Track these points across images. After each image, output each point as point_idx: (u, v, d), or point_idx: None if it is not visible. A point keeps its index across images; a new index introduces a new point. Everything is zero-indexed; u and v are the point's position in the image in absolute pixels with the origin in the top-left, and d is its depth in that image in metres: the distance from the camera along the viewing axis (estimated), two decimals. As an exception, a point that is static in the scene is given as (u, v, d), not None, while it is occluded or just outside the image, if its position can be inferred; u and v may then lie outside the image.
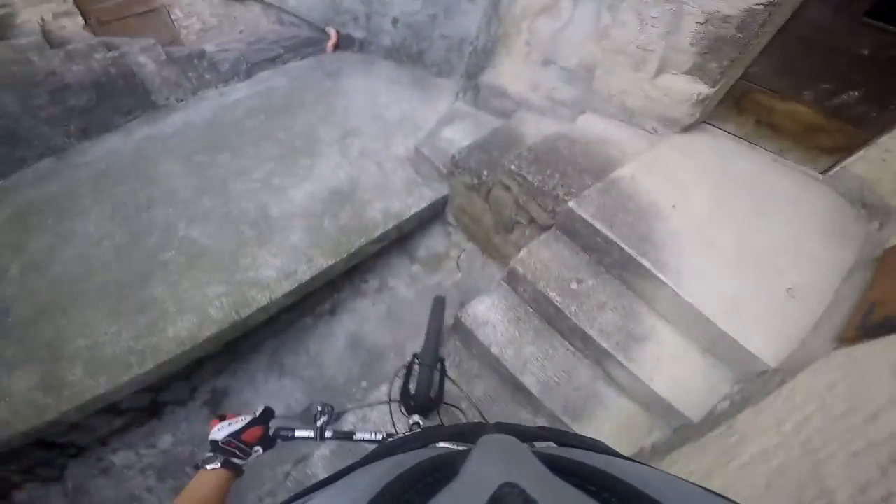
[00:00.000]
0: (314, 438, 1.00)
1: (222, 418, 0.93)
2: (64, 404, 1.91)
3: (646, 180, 2.09)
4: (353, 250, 2.43)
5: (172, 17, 4.74)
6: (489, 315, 2.14)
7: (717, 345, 1.72)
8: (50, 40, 3.01)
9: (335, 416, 1.07)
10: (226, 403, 2.45)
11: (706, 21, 2.03)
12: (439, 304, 1.52)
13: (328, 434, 1.01)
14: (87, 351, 2.05)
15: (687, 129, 2.35)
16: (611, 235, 1.88)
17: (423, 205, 2.70)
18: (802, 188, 2.13)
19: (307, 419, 1.15)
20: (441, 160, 2.80)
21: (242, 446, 0.88)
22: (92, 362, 2.02)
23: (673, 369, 1.74)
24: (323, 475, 2.07)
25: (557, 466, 0.37)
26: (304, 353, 2.59)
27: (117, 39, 3.22)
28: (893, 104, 1.90)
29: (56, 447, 2.20)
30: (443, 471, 0.39)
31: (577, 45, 2.57)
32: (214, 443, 0.87)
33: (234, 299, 2.19)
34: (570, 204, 2.01)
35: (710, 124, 2.45)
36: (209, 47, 3.68)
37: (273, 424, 0.98)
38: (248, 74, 3.80)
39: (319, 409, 1.05)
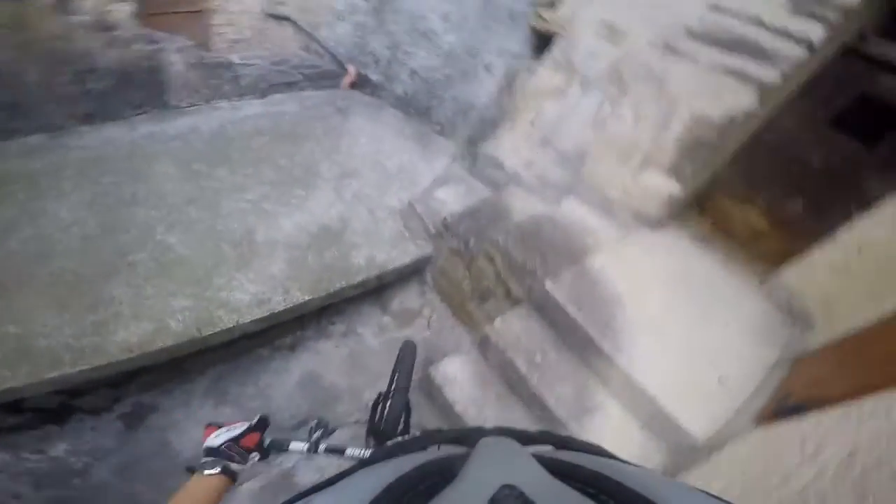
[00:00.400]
0: (308, 450, 1.00)
1: (219, 426, 0.93)
2: None
3: (613, 271, 2.28)
4: (331, 291, 2.41)
5: (213, 22, 4.81)
6: (457, 374, 2.25)
7: (655, 420, 1.89)
8: (98, 23, 3.00)
9: (329, 431, 1.08)
10: (149, 420, 2.27)
11: (692, 123, 2.27)
12: (411, 346, 1.54)
13: (321, 448, 1.02)
14: (15, 339, 1.89)
15: (654, 226, 2.53)
16: (578, 319, 2.08)
17: (407, 260, 2.74)
18: (742, 294, 2.36)
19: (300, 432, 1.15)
20: (431, 220, 2.87)
21: (241, 451, 0.89)
22: (16, 352, 1.86)
23: (614, 440, 1.91)
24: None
25: (557, 469, 0.38)
26: (253, 384, 2.46)
27: (158, 34, 3.25)
28: (828, 216, 2.16)
29: None
30: (442, 473, 0.39)
31: (576, 131, 2.74)
32: (212, 449, 0.87)
33: (198, 315, 2.12)
34: (547, 286, 2.18)
35: (673, 224, 2.65)
36: (235, 58, 3.75)
37: (268, 435, 0.99)
38: (264, 94, 3.87)
39: (315, 423, 1.06)
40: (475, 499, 0.30)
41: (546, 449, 0.57)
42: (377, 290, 2.84)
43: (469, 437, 0.60)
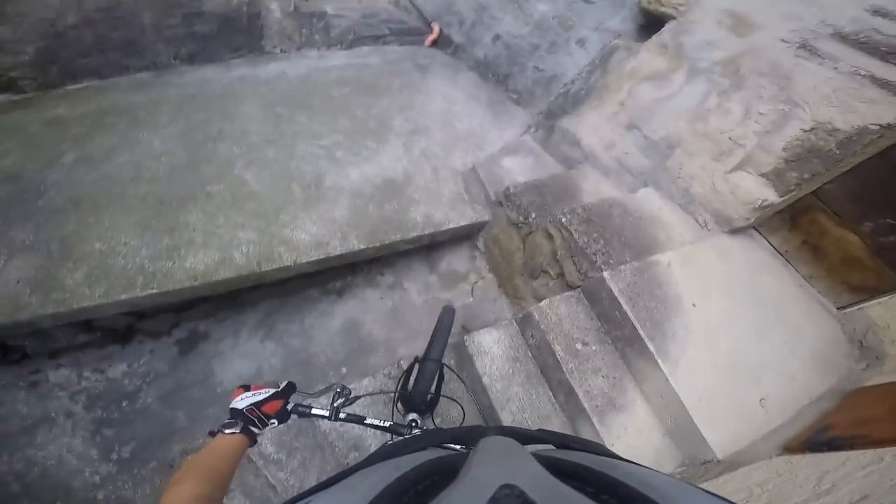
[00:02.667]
0: (328, 417, 0.99)
1: (247, 388, 0.93)
2: (46, 308, 1.83)
3: (679, 273, 2.05)
4: (386, 242, 2.36)
5: None
6: (492, 347, 2.14)
7: (679, 429, 1.79)
8: None
9: (351, 399, 1.07)
10: (200, 347, 2.37)
11: (812, 129, 1.94)
12: (449, 313, 1.47)
13: (342, 415, 1.01)
14: (99, 256, 2.00)
15: (734, 231, 2.24)
16: (630, 314, 1.89)
17: (463, 223, 2.61)
18: (812, 318, 2.15)
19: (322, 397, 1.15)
20: (493, 187, 2.70)
21: (262, 416, 0.89)
22: (97, 270, 1.96)
23: (633, 440, 1.82)
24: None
25: (557, 468, 0.37)
26: (298, 323, 2.51)
27: None
28: None
29: (0, 347, 2.11)
30: (443, 473, 0.39)
31: (670, 120, 2.42)
32: (236, 410, 0.88)
33: (260, 249, 2.15)
34: (605, 274, 1.98)
35: (757, 230, 2.36)
36: (329, 9, 3.68)
37: (292, 399, 0.99)
38: (351, 45, 3.80)
39: (339, 390, 1.05)
40: (475, 498, 0.29)
41: (546, 448, 0.56)
42: (428, 248, 2.77)
43: (469, 436, 0.60)
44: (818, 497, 1.19)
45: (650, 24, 2.77)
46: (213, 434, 0.84)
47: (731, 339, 1.92)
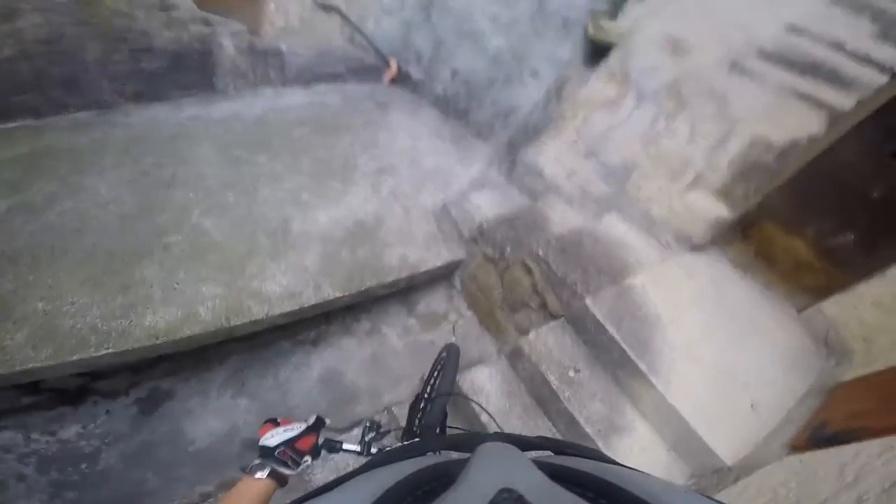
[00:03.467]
0: (360, 453, 0.97)
1: (275, 423, 0.88)
2: None
3: (653, 293, 2.16)
4: (363, 288, 2.26)
5: (265, 9, 4.69)
6: (485, 384, 2.14)
7: (683, 442, 1.84)
8: (160, 2, 2.87)
9: (382, 433, 1.04)
10: (165, 406, 2.17)
11: (751, 145, 2.13)
12: (455, 351, 1.44)
13: (374, 450, 0.98)
14: (43, 316, 1.77)
15: (695, 248, 2.39)
16: (617, 337, 1.97)
17: (440, 263, 2.57)
18: (778, 322, 2.28)
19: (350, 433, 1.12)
20: (465, 224, 2.70)
21: (294, 456, 0.83)
22: (42, 330, 1.74)
23: (641, 460, 1.87)
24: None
25: (556, 473, 0.37)
26: (272, 377, 2.34)
27: (213, 17, 3.12)
28: (880, 252, 2.04)
29: None
30: (441, 478, 0.38)
31: (625, 145, 2.57)
32: (267, 449, 0.82)
33: (228, 304, 1.98)
34: (587, 301, 2.05)
35: (714, 246, 2.52)
36: (283, 47, 3.62)
37: (322, 434, 0.94)
38: (308, 84, 3.74)
39: (368, 425, 1.03)
40: (474, 502, 0.29)
41: (545, 454, 0.56)
42: (405, 291, 2.69)
43: (468, 442, 0.59)
44: (848, 489, 1.22)
45: (597, 52, 2.91)
46: (244, 470, 0.78)
47: (712, 350, 2.03)
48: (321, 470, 2.06)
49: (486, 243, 2.53)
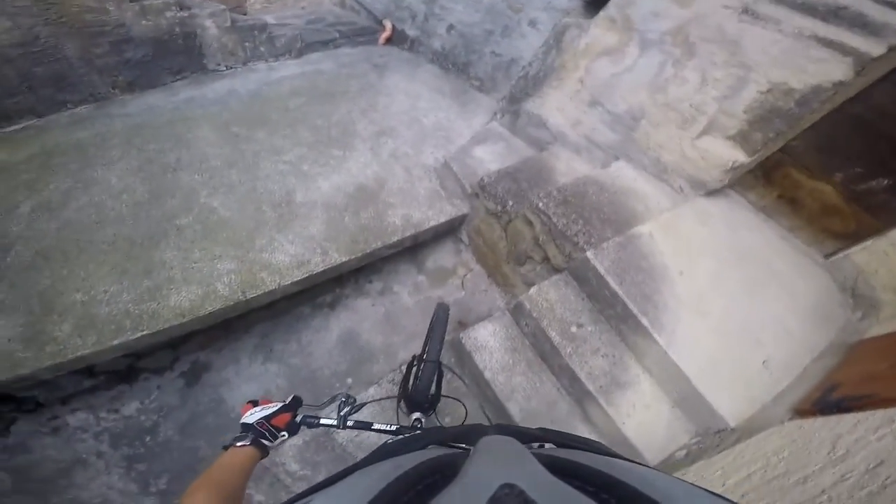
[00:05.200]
0: (336, 426, 1.02)
1: (255, 403, 0.98)
2: (43, 360, 1.80)
3: (661, 242, 2.09)
4: (368, 251, 2.34)
5: None
6: (489, 341, 2.17)
7: (687, 400, 1.79)
8: None
9: (356, 407, 1.10)
10: (204, 378, 2.36)
11: (768, 91, 2.00)
12: (444, 310, 1.50)
13: (350, 423, 1.04)
14: (82, 307, 1.94)
15: (711, 192, 2.31)
16: (619, 292, 1.92)
17: (443, 219, 2.61)
18: (801, 269, 2.16)
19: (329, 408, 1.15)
20: (468, 179, 2.70)
21: (272, 429, 0.92)
22: (84, 319, 1.91)
23: (643, 416, 1.84)
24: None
25: (557, 467, 0.37)
26: (295, 342, 2.50)
27: (186, 0, 3.13)
28: None
29: (12, 400, 2.09)
30: (443, 472, 0.39)
31: (630, 93, 2.47)
32: (247, 425, 0.91)
33: (242, 278, 2.11)
34: (588, 254, 2.01)
35: (732, 190, 2.42)
36: (270, 19, 3.59)
37: (300, 412, 1.02)
38: (300, 53, 3.72)
39: (343, 399, 1.08)
40: (475, 498, 0.30)
41: (547, 447, 0.57)
42: (412, 248, 2.76)
43: (469, 435, 0.60)
44: (834, 464, 1.18)
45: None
46: (225, 448, 0.86)
47: (723, 302, 1.94)
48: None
49: (488, 197, 2.54)
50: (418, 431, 1.04)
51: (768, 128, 2.03)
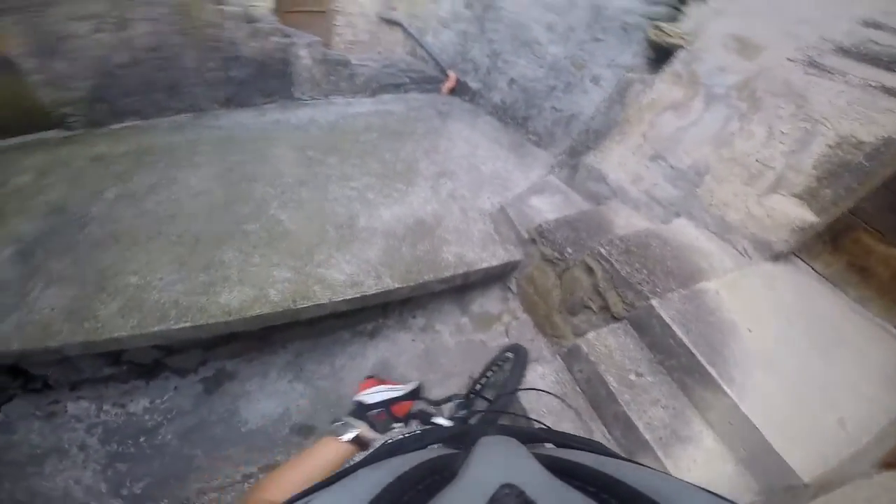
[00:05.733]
0: None
1: (381, 381, 0.87)
2: (77, 336, 1.83)
3: (728, 300, 2.03)
4: (420, 282, 2.35)
5: (334, 22, 5.11)
6: (537, 383, 2.11)
7: (755, 456, 1.70)
8: (245, 14, 3.27)
9: (472, 412, 1.02)
10: (226, 387, 2.33)
11: (837, 144, 1.98)
12: (524, 352, 1.40)
13: None
14: (133, 290, 2.01)
15: (775, 257, 2.24)
16: (685, 341, 1.86)
17: (495, 262, 2.61)
18: (873, 338, 2.07)
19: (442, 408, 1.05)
20: (524, 226, 2.73)
21: (388, 419, 0.81)
22: (131, 302, 1.97)
23: (704, 472, 1.75)
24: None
25: (557, 467, 0.37)
26: (329, 365, 2.47)
27: (289, 29, 3.48)
28: None
29: (22, 376, 2.10)
30: (442, 472, 0.39)
31: (695, 147, 2.50)
32: (363, 406, 0.80)
33: (296, 288, 2.14)
34: (653, 302, 1.97)
35: (798, 257, 2.34)
36: (353, 59, 3.93)
37: (417, 404, 0.92)
38: (375, 93, 4.02)
39: (459, 402, 1.00)
40: (475, 498, 0.30)
41: (547, 447, 0.56)
42: (459, 289, 2.76)
43: (469, 435, 0.59)
44: None
45: (660, 56, 2.88)
46: (328, 432, 0.76)
47: (794, 362, 1.87)
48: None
49: (546, 243, 2.54)
50: (418, 432, 0.98)
51: (838, 184, 1.99)
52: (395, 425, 0.83)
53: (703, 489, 0.35)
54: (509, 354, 1.42)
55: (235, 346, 2.38)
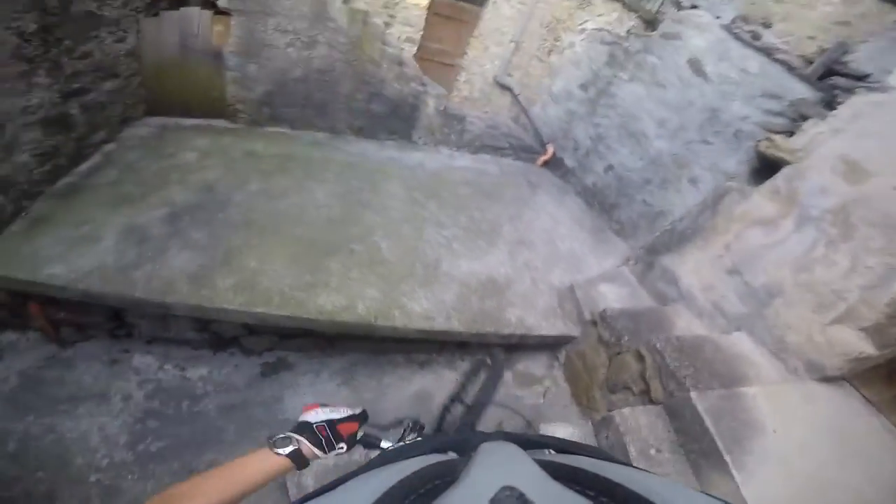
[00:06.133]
0: None
1: (323, 406, 0.88)
2: (192, 298, 2.23)
3: (763, 404, 2.15)
4: (481, 331, 2.68)
5: (457, 77, 5.70)
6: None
7: None
8: (397, 57, 3.90)
9: (423, 435, 1.03)
10: (281, 375, 2.61)
11: None
12: (500, 361, 1.54)
13: None
14: (250, 272, 2.45)
15: (825, 379, 2.29)
16: (711, 429, 2.01)
17: (553, 333, 2.89)
18: None
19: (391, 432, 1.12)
20: (588, 307, 2.99)
21: (331, 438, 0.81)
22: (246, 282, 2.38)
23: None
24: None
25: (558, 472, 0.39)
26: (377, 380, 2.78)
27: (426, 78, 4.10)
28: None
29: (117, 320, 2.49)
30: (444, 477, 0.40)
31: (774, 267, 2.52)
32: (307, 424, 0.81)
33: (380, 307, 2.54)
34: (692, 394, 2.13)
35: (847, 381, 2.37)
36: (469, 114, 4.49)
37: (362, 428, 0.92)
38: (476, 151, 4.55)
39: (410, 424, 0.99)
40: (476, 500, 0.31)
41: (547, 453, 0.58)
42: (511, 347, 3.02)
43: (470, 441, 0.62)
44: None
45: (763, 168, 2.91)
46: (268, 443, 0.76)
47: (808, 465, 1.98)
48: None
49: (605, 327, 2.78)
50: (419, 439, 0.96)
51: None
52: (339, 445, 0.83)
53: (701, 493, 0.36)
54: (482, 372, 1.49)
55: (304, 342, 2.78)
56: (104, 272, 2.28)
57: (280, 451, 0.75)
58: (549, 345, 3.10)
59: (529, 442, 0.60)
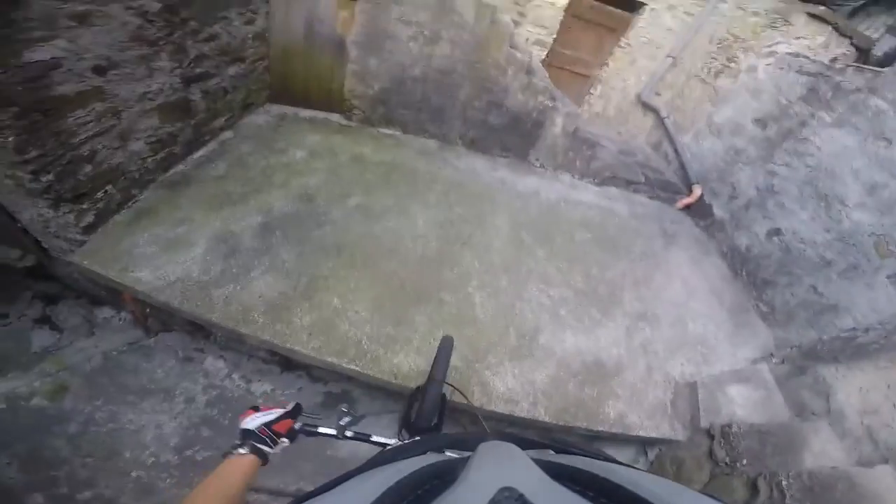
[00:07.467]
0: (335, 436, 1.14)
1: (256, 409, 1.06)
2: (265, 333, 2.28)
3: None
4: (570, 425, 2.43)
5: (591, 90, 5.33)
6: None
7: None
8: (523, 64, 3.70)
9: (357, 418, 1.20)
10: (352, 409, 2.66)
11: None
12: (448, 342, 1.61)
13: (349, 434, 1.15)
14: (331, 311, 2.42)
15: None
16: None
17: (654, 435, 2.56)
18: None
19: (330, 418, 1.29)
20: (708, 413, 2.60)
21: (273, 436, 1.00)
22: (324, 323, 2.36)
23: None
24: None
25: (557, 472, 0.40)
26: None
27: (557, 92, 3.77)
28: None
29: (197, 325, 2.59)
30: (442, 477, 0.43)
31: None
32: (248, 431, 0.99)
33: (458, 379, 2.38)
34: None
35: None
36: (603, 140, 4.16)
37: (300, 420, 1.12)
38: (602, 183, 4.14)
39: (345, 410, 1.19)
40: (475, 501, 0.33)
41: (546, 453, 0.60)
42: (597, 439, 2.75)
43: (469, 441, 0.65)
44: None
45: None
46: (224, 456, 0.91)
47: None
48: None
49: (724, 445, 2.43)
50: (419, 438, 1.06)
51: None
52: (282, 440, 1.02)
53: (702, 493, 0.38)
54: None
55: (375, 393, 2.71)
56: (186, 285, 2.41)
57: (240, 451, 0.93)
58: (643, 442, 2.86)
59: (529, 442, 0.63)
